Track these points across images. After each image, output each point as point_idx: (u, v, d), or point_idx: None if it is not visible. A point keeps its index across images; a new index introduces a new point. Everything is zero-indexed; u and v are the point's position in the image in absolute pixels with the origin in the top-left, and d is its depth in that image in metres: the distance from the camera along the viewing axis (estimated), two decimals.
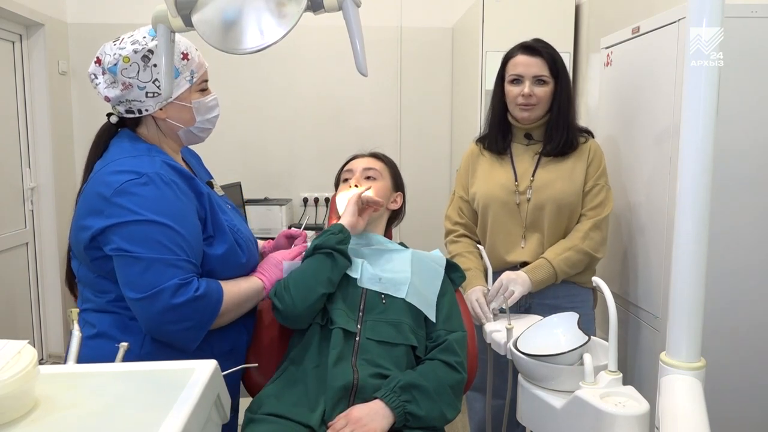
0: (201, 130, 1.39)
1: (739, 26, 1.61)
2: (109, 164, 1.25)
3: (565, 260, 1.77)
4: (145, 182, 1.21)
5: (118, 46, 1.27)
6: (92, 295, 1.30)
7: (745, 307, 1.74)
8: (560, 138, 1.80)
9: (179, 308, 1.19)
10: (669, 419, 0.99)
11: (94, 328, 1.27)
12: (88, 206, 1.24)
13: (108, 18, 3.59)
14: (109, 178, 1.22)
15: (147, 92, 1.28)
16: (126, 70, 1.26)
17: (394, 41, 3.73)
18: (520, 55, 1.80)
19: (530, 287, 1.74)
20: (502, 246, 1.84)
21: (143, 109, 1.30)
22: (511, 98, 1.81)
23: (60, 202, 3.51)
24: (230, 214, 1.41)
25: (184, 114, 1.34)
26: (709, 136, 1.03)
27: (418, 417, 1.26)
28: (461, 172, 1.98)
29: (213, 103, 1.39)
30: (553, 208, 1.79)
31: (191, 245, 1.24)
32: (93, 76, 1.31)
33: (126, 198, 1.20)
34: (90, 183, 1.26)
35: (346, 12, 1.02)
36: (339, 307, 1.38)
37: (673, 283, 1.09)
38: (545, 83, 1.78)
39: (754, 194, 1.71)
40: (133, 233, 1.19)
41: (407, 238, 2.09)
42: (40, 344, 3.51)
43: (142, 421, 0.79)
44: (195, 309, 1.21)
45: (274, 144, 3.76)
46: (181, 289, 1.19)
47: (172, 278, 1.19)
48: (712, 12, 1.01)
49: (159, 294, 1.18)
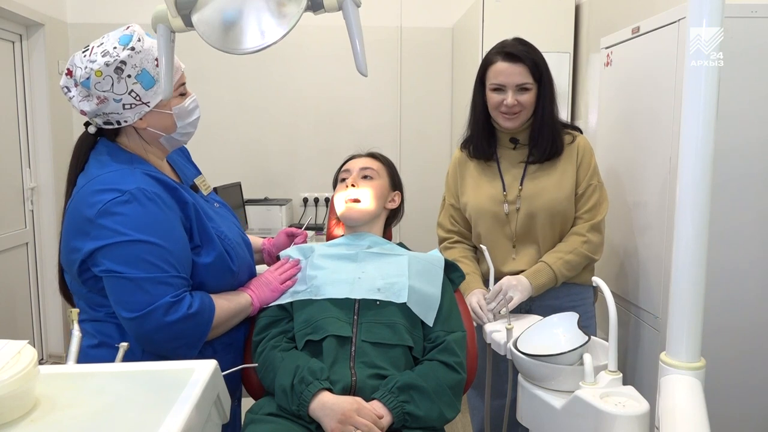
0: (183, 135, 1.36)
1: (739, 26, 1.61)
2: (91, 182, 1.23)
3: (566, 264, 1.75)
4: (127, 200, 1.19)
5: (89, 58, 1.22)
6: (88, 307, 1.29)
7: (745, 307, 1.74)
8: (546, 144, 1.76)
9: (172, 326, 1.19)
10: (669, 419, 0.99)
11: (95, 338, 1.27)
12: (74, 227, 1.23)
13: (108, 18, 3.59)
14: (92, 198, 1.20)
15: (124, 104, 1.24)
16: (99, 84, 1.21)
17: (394, 41, 3.73)
18: (501, 62, 1.72)
19: (531, 292, 1.72)
20: (495, 258, 1.81)
21: (122, 120, 1.27)
22: (494, 106, 1.75)
23: (60, 202, 3.48)
24: (217, 220, 1.38)
25: (164, 121, 1.31)
26: (709, 136, 1.03)
27: (417, 417, 1.26)
28: (450, 179, 1.94)
29: (193, 105, 1.35)
30: (546, 216, 1.77)
31: (180, 259, 1.23)
32: (66, 89, 1.26)
33: (110, 219, 1.18)
34: (74, 201, 1.24)
35: (346, 12, 1.02)
36: (332, 315, 1.37)
37: (673, 283, 1.09)
38: (528, 90, 1.72)
39: (754, 194, 1.71)
40: (121, 254, 1.18)
41: (407, 238, 2.09)
42: (40, 344, 3.51)
43: (142, 421, 0.79)
44: (187, 326, 1.21)
45: (274, 144, 3.76)
46: (173, 306, 1.19)
47: (164, 296, 1.18)
48: (712, 12, 1.01)
49: (151, 313, 1.17)
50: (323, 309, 1.38)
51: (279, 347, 1.36)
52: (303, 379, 1.27)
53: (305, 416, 1.25)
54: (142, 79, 1.24)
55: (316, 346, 1.35)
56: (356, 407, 1.22)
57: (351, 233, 1.61)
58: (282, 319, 1.42)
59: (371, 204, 1.59)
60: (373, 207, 1.59)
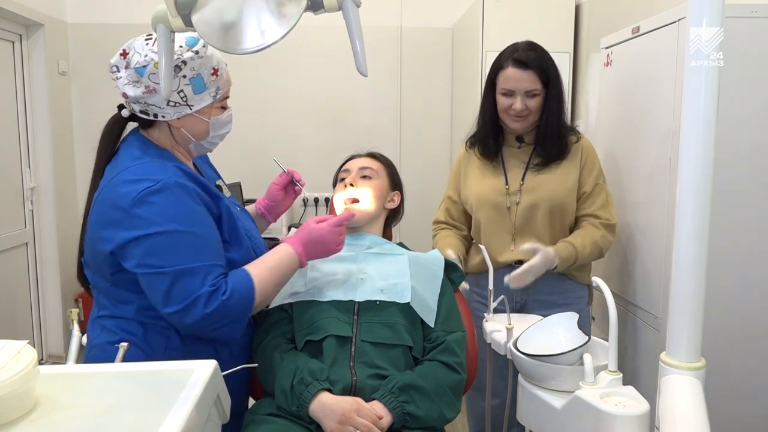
0: (210, 144, 1.38)
1: (739, 26, 1.60)
2: (122, 172, 1.23)
3: (586, 246, 1.76)
4: (160, 189, 1.19)
5: (151, 48, 1.23)
6: (110, 303, 1.28)
7: (745, 307, 1.74)
8: (552, 146, 1.80)
9: (213, 315, 1.19)
10: (669, 419, 0.99)
11: (115, 334, 1.26)
12: (105, 217, 1.21)
13: (108, 18, 3.59)
14: (125, 188, 1.20)
15: (169, 101, 1.25)
16: (154, 75, 1.22)
17: (394, 41, 3.73)
18: (512, 68, 1.76)
19: (554, 262, 1.72)
20: (494, 247, 1.84)
21: (160, 115, 1.28)
22: (503, 109, 1.80)
23: (60, 202, 3.51)
24: (243, 220, 1.40)
25: (200, 127, 1.32)
26: (709, 136, 1.03)
27: (417, 417, 1.26)
28: (453, 174, 2.00)
29: (228, 119, 1.38)
30: (546, 208, 1.79)
31: (213, 246, 1.24)
32: (115, 68, 1.26)
33: (144, 208, 1.18)
34: (104, 192, 1.23)
35: (346, 12, 1.02)
36: (331, 315, 1.37)
37: (673, 283, 1.09)
38: (537, 95, 1.77)
39: (755, 194, 1.71)
40: (156, 246, 1.18)
41: (407, 238, 2.10)
42: (40, 344, 3.51)
43: (142, 421, 0.79)
44: (229, 308, 1.21)
45: (274, 144, 3.76)
46: (213, 295, 1.19)
47: (202, 286, 1.18)
48: (712, 12, 1.01)
49: (193, 304, 1.17)
50: (323, 309, 1.38)
51: (279, 348, 1.36)
52: (302, 379, 1.27)
53: (305, 417, 1.25)
54: (195, 83, 1.26)
55: (316, 346, 1.35)
56: (356, 407, 1.22)
57: (350, 233, 1.61)
58: (282, 321, 1.42)
59: (370, 204, 1.59)
60: (372, 207, 1.59)
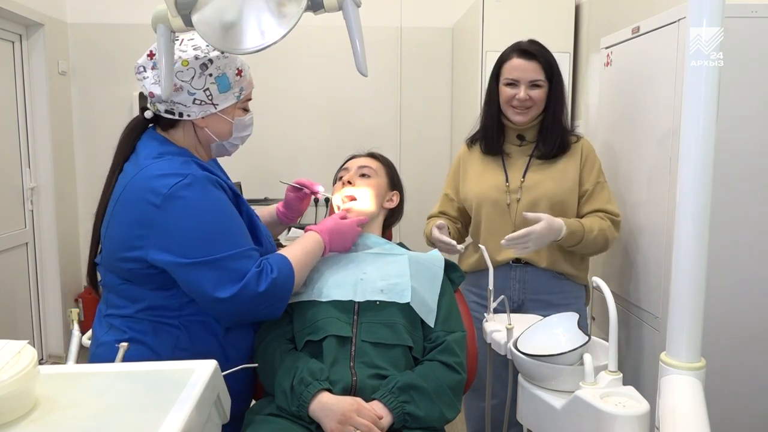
0: (231, 146, 1.39)
1: (739, 26, 1.60)
2: (146, 168, 1.23)
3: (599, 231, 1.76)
4: (190, 182, 1.20)
5: (179, 47, 1.25)
6: (120, 302, 1.28)
7: (745, 307, 1.73)
8: (554, 142, 1.82)
9: (265, 294, 1.22)
10: (669, 419, 0.99)
11: (124, 333, 1.26)
12: (135, 215, 1.21)
13: (108, 18, 3.59)
14: (154, 183, 1.20)
15: (195, 99, 1.27)
16: (181, 73, 1.24)
17: (394, 41, 3.73)
18: (516, 58, 1.80)
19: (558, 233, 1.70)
20: (493, 245, 1.84)
21: (185, 113, 1.29)
22: (506, 100, 1.82)
23: (60, 202, 3.51)
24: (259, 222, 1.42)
25: (223, 127, 1.33)
26: (709, 136, 1.03)
27: (418, 417, 1.26)
28: (452, 172, 2.01)
29: (250, 122, 1.39)
30: (546, 206, 1.80)
31: (246, 233, 1.28)
32: (141, 68, 1.28)
33: (178, 203, 1.19)
34: (129, 189, 1.23)
35: (346, 12, 1.02)
36: (331, 315, 1.37)
37: (673, 283, 1.09)
38: (540, 87, 1.79)
39: (755, 194, 1.71)
40: (197, 236, 1.19)
41: (407, 238, 2.09)
42: (40, 344, 3.51)
43: (142, 421, 0.80)
44: (278, 287, 1.24)
45: (274, 144, 3.75)
46: (261, 275, 1.22)
47: (249, 268, 1.21)
48: (712, 12, 1.01)
49: (246, 287, 1.20)
50: (323, 309, 1.38)
51: (279, 348, 1.36)
52: (302, 380, 1.27)
53: (305, 417, 1.25)
54: (220, 82, 1.28)
55: (316, 347, 1.35)
56: (356, 407, 1.22)
57: None
58: (282, 321, 1.42)
59: (367, 202, 1.59)
60: (369, 206, 1.59)
